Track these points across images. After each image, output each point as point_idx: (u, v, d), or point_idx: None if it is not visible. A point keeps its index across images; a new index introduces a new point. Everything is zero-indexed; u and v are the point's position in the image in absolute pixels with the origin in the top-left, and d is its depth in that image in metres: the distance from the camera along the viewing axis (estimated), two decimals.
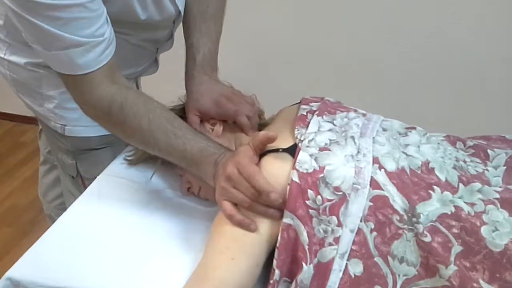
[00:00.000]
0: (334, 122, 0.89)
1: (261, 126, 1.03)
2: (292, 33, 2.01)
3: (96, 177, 1.09)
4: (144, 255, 0.86)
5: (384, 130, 0.89)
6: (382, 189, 0.76)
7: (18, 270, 0.82)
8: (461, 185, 0.77)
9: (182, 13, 1.09)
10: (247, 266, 0.76)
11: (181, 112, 1.04)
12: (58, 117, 1.12)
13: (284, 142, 0.86)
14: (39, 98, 1.11)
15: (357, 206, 0.75)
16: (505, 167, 0.83)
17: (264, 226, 0.79)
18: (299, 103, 0.99)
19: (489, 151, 0.86)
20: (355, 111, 0.94)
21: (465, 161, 0.84)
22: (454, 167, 0.81)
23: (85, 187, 1.15)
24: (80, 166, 1.19)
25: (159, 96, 0.93)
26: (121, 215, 0.95)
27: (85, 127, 1.13)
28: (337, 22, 1.95)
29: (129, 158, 1.11)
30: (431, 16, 1.85)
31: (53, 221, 0.97)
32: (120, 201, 0.99)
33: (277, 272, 0.76)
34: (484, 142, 0.91)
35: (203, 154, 0.86)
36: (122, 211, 0.96)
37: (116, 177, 1.07)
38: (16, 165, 2.34)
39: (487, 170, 0.83)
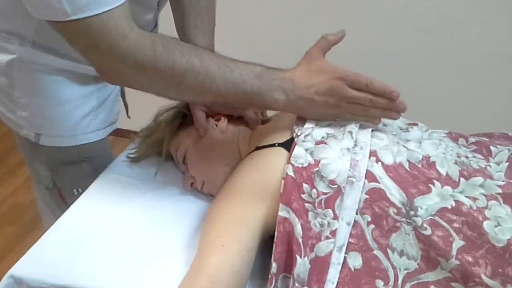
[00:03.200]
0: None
1: (264, 122, 1.04)
2: (292, 30, 2.00)
3: (74, 191, 1.07)
4: (146, 253, 0.86)
5: (384, 125, 0.89)
6: (378, 182, 0.76)
7: (21, 267, 0.82)
8: (462, 179, 0.77)
9: None
10: (238, 251, 0.75)
11: (185, 108, 1.05)
12: (33, 125, 1.02)
13: (282, 136, 0.86)
14: (11, 104, 1.00)
15: (352, 199, 0.75)
16: (507, 163, 0.83)
17: (251, 211, 0.79)
18: None
19: (491, 147, 0.86)
20: None
21: (467, 157, 0.84)
22: (456, 163, 0.81)
23: (63, 200, 1.11)
24: (56, 178, 1.10)
25: None
26: (124, 213, 0.95)
27: (62, 137, 1.04)
28: (339, 19, 1.94)
29: (131, 156, 1.11)
30: (434, 12, 1.84)
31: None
32: (122, 199, 0.99)
33: (274, 265, 0.76)
34: (487, 139, 0.91)
35: (263, 81, 0.81)
36: (124, 209, 0.96)
37: (118, 174, 1.07)
38: (18, 163, 2.34)
39: (489, 166, 0.82)
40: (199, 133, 1.01)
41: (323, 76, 0.82)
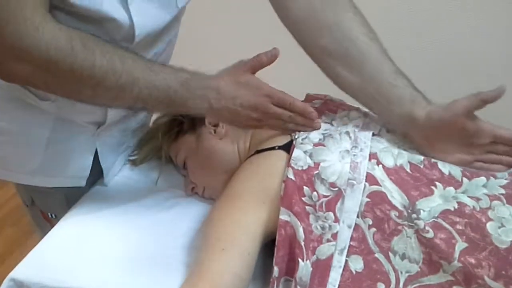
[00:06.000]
0: (333, 122, 0.90)
1: None
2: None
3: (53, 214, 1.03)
4: (147, 255, 0.86)
5: (387, 132, 0.89)
6: (380, 185, 0.75)
7: (22, 271, 0.82)
8: (465, 179, 0.77)
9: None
10: (238, 255, 0.75)
11: (180, 115, 1.05)
12: None
13: (281, 139, 0.86)
14: None
15: (353, 202, 0.74)
16: None
17: (252, 215, 0.79)
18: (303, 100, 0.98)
19: None
20: (357, 109, 0.94)
21: None
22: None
23: (45, 218, 1.05)
24: (34, 197, 1.04)
25: None
26: (124, 216, 0.95)
27: (11, 172, 0.97)
28: None
29: (132, 158, 1.11)
30: (434, 11, 1.84)
31: None
32: (123, 202, 0.99)
33: (275, 269, 0.75)
34: None
35: (187, 88, 0.78)
36: (125, 212, 0.96)
37: (119, 177, 1.07)
38: None
39: None
40: (197, 139, 1.01)
41: (250, 90, 0.82)
